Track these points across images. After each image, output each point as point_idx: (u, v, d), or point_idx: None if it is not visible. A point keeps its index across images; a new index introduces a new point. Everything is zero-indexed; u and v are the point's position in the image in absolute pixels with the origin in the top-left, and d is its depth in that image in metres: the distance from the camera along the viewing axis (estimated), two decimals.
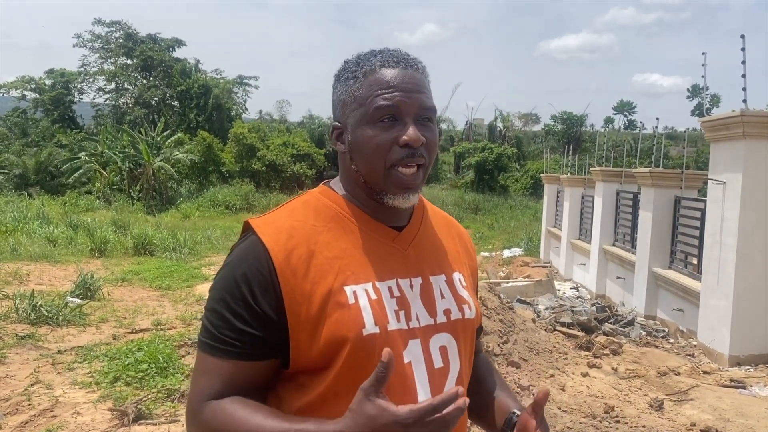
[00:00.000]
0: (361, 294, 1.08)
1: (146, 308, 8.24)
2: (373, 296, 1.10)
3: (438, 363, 1.13)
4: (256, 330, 1.05)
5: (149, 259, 12.87)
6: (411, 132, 1.09)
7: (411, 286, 1.15)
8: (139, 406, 4.36)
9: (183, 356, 5.69)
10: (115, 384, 4.92)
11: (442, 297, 1.19)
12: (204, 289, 9.52)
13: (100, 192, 25.95)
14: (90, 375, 5.19)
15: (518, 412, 1.23)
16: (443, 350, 1.15)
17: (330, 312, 1.06)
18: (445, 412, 0.92)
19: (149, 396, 4.63)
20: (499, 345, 5.71)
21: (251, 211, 26.15)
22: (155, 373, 5.06)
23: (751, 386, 5.90)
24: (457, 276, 1.24)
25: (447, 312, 1.18)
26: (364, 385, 0.93)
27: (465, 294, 1.23)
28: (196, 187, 28.93)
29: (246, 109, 43.08)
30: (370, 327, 1.06)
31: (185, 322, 7.37)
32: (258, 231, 1.11)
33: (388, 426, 0.90)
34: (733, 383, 6.01)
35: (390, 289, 1.12)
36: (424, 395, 1.09)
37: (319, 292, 1.07)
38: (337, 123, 1.18)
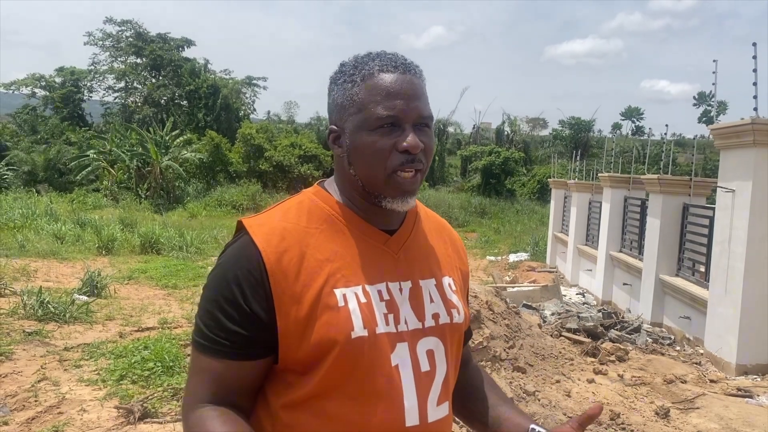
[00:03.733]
0: (350, 297, 1.09)
1: (153, 307, 8.26)
2: (363, 299, 1.10)
3: (425, 366, 1.15)
4: (247, 330, 1.07)
5: (156, 258, 12.91)
6: (410, 139, 1.10)
7: (400, 290, 1.16)
8: (145, 405, 4.37)
9: (189, 355, 5.70)
10: (121, 382, 4.93)
11: (431, 301, 1.19)
12: None
13: (108, 190, 26.07)
14: (96, 372, 5.20)
15: (537, 428, 1.22)
16: (430, 354, 1.16)
17: (319, 314, 1.07)
18: None
19: (155, 394, 4.63)
20: (505, 350, 5.70)
21: (257, 212, 26.01)
22: (161, 371, 5.07)
23: (758, 396, 5.87)
24: (447, 280, 1.25)
25: (435, 316, 1.19)
26: None
27: (454, 298, 1.24)
28: (203, 187, 29.03)
29: (254, 109, 43.25)
30: (359, 330, 1.08)
31: (191, 321, 7.37)
32: (251, 231, 1.12)
33: None
34: (739, 392, 5.98)
35: (380, 292, 1.13)
36: (410, 397, 1.11)
37: (309, 294, 1.08)
38: (334, 126, 1.18)
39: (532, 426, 1.24)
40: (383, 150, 1.10)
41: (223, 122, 35.76)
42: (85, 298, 8.00)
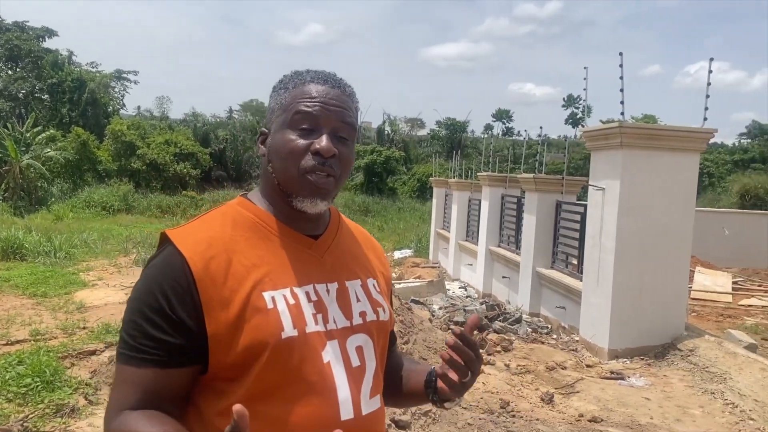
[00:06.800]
0: (279, 299, 1.12)
1: (21, 318, 7.62)
2: (291, 301, 1.13)
3: (355, 362, 1.19)
4: (173, 337, 1.07)
5: (20, 265, 11.90)
6: (324, 142, 1.14)
7: (327, 290, 1.20)
8: (25, 424, 4.05)
9: (69, 368, 5.34)
10: None
11: (358, 300, 1.24)
12: (84, 295, 8.99)
13: None
14: None
15: (436, 367, 1.34)
16: (359, 350, 1.20)
17: (248, 317, 1.09)
18: None
19: (35, 412, 4.30)
20: (401, 345, 5.81)
21: (130, 213, 24.92)
22: (41, 387, 4.69)
23: (629, 377, 6.39)
24: (371, 282, 1.30)
25: (363, 314, 1.23)
26: None
27: (380, 298, 1.30)
28: (69, 187, 27.08)
29: (124, 104, 41.08)
30: (289, 330, 1.10)
31: (67, 331, 6.90)
32: (176, 242, 1.12)
33: None
34: (613, 375, 6.47)
35: (307, 293, 1.16)
36: (344, 392, 1.14)
37: (237, 298, 1.09)
38: (264, 128, 1.24)
39: (433, 367, 1.36)
40: (298, 149, 1.15)
41: (90, 118, 33.61)
42: None
